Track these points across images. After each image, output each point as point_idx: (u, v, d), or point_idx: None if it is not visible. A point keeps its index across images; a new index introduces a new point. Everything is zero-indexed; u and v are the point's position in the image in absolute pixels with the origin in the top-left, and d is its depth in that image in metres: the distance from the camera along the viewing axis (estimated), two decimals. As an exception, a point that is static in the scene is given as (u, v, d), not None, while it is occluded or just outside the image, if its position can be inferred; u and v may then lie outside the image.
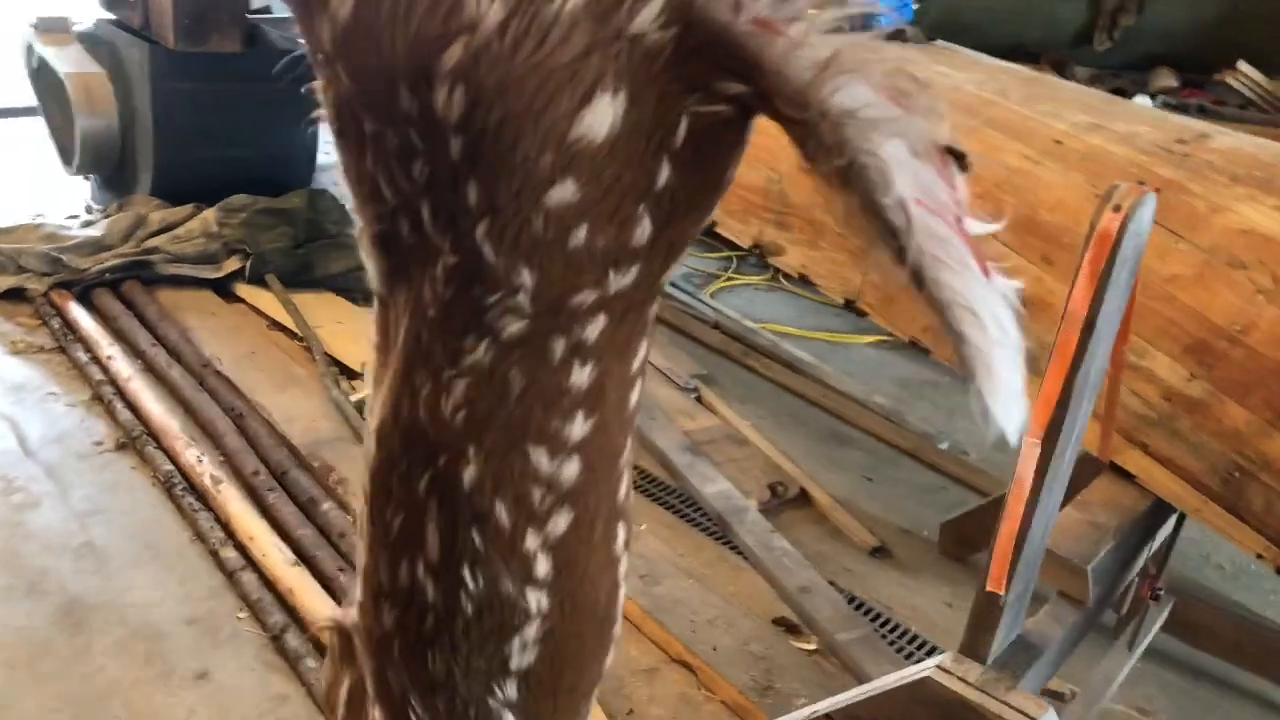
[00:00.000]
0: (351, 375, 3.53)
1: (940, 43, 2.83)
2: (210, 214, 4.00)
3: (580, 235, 0.76)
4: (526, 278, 0.77)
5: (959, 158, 0.64)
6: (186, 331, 3.65)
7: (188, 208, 4.04)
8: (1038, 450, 1.58)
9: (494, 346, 0.81)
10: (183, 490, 2.82)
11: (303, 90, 0.87)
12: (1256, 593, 3.04)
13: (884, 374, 4.19)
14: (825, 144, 0.64)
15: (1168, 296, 1.86)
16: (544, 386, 0.83)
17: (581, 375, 0.83)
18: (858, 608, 2.79)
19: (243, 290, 3.98)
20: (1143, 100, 4.21)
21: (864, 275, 2.36)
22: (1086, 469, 1.95)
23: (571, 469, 0.86)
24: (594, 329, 0.81)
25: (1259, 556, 1.77)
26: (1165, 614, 2.49)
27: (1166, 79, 5.55)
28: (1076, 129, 2.14)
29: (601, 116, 0.71)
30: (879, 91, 0.64)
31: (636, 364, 0.88)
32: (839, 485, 3.33)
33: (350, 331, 3.72)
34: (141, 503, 2.82)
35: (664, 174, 0.75)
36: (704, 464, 3.05)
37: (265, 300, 3.91)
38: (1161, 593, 2.24)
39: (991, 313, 0.62)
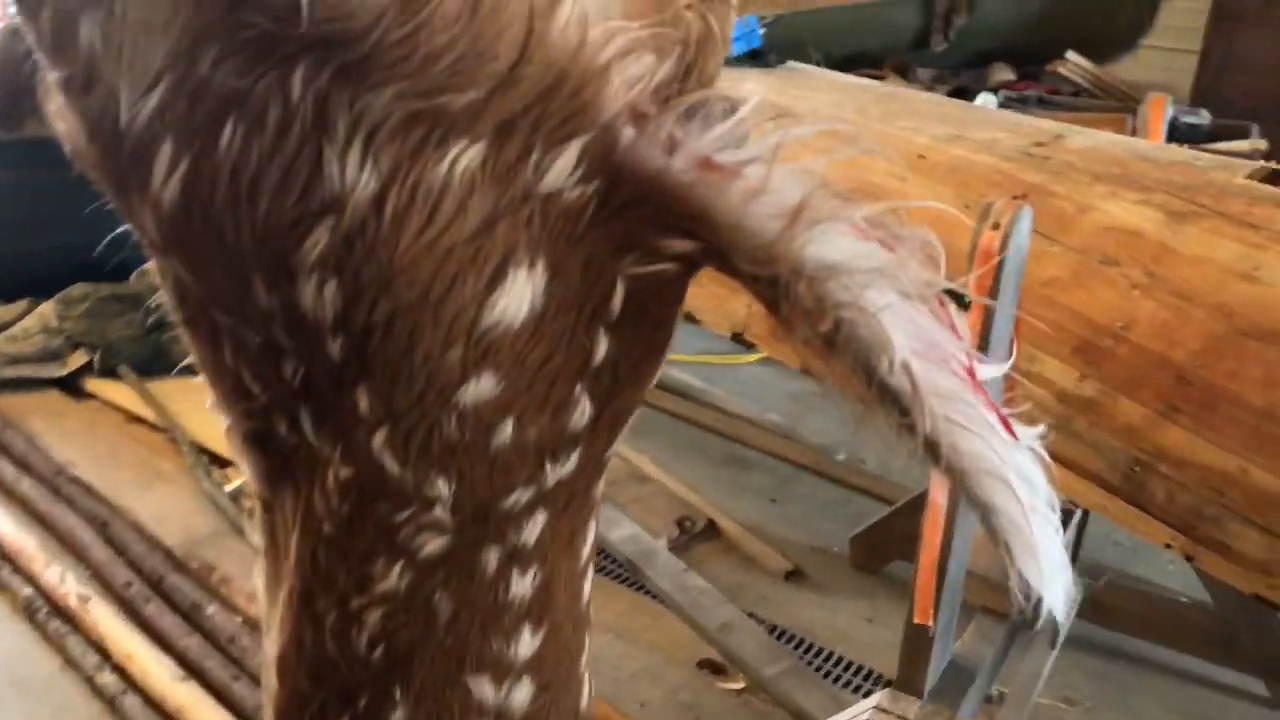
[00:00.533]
0: (224, 463, 3.32)
1: (792, 64, 2.84)
2: (47, 308, 3.76)
3: (505, 432, 0.62)
4: (442, 488, 0.63)
5: (956, 297, 0.54)
6: (33, 438, 3.39)
7: (21, 304, 3.79)
8: (948, 475, 1.55)
9: (411, 569, 0.66)
10: (47, 614, 2.61)
11: None
12: (1155, 564, 3.13)
13: (774, 391, 4.20)
14: (803, 306, 0.53)
15: (1048, 300, 1.88)
16: (479, 606, 0.68)
17: (523, 584, 0.69)
18: (779, 637, 2.76)
19: (93, 385, 3.74)
20: (986, 96, 4.36)
21: (748, 307, 2.33)
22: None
23: (523, 693, 0.72)
24: (533, 529, 0.67)
25: (1167, 546, 1.79)
26: (1078, 602, 2.52)
27: (1003, 73, 5.79)
28: (938, 141, 2.16)
29: (518, 296, 0.58)
30: (860, 236, 0.54)
31: (586, 552, 0.74)
32: (745, 511, 3.30)
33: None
34: (1, 634, 2.57)
35: (602, 347, 0.63)
36: (608, 507, 2.98)
37: (120, 393, 3.68)
38: (1076, 586, 2.27)
39: (1020, 474, 0.53)
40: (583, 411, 0.64)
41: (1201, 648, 2.64)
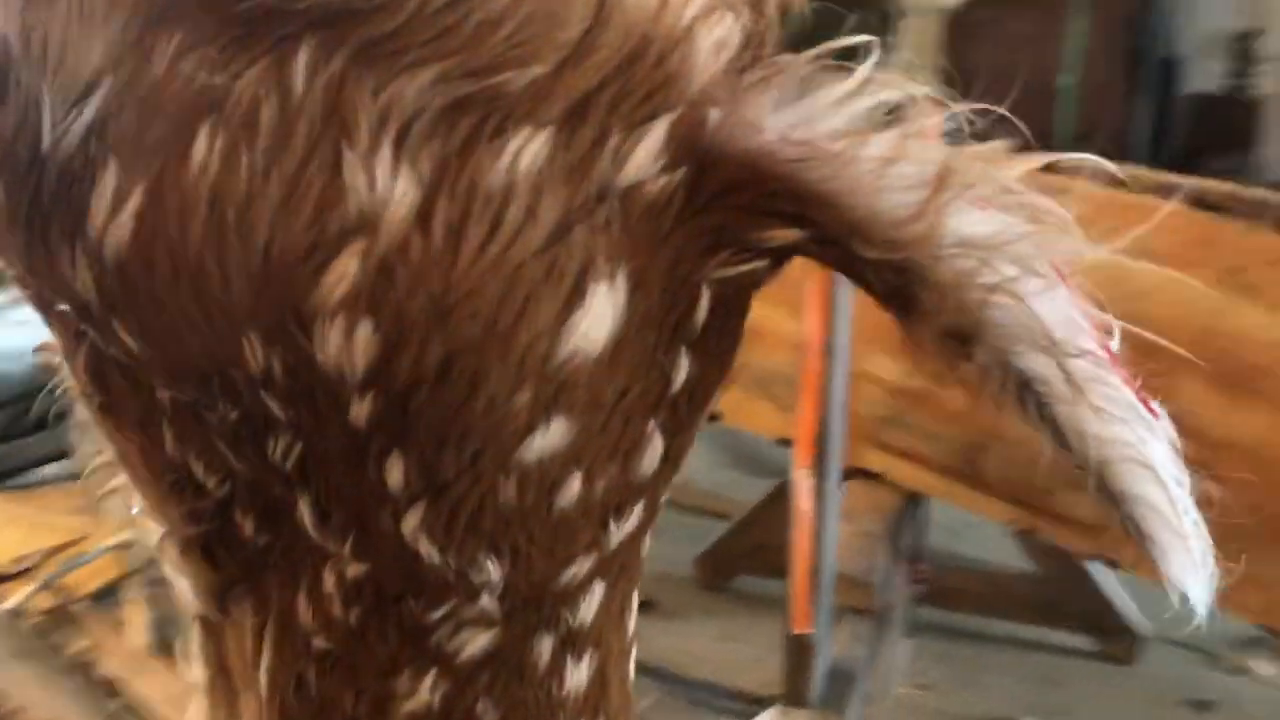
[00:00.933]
0: (3, 578, 2.94)
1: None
2: None
3: (572, 489, 0.51)
4: (492, 570, 0.52)
5: None
6: None
7: None
8: (811, 481, 1.56)
9: (448, 678, 0.55)
10: None
11: None
12: (976, 542, 3.29)
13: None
14: (946, 294, 0.46)
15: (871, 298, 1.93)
16: (530, 708, 0.57)
17: (579, 674, 0.58)
18: (640, 672, 2.70)
19: None
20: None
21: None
22: (837, 479, 1.99)
23: None
24: (589, 606, 0.56)
25: (1010, 523, 1.87)
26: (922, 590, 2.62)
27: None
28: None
29: (599, 317, 0.47)
30: (990, 207, 0.46)
31: (633, 625, 0.64)
32: (585, 548, 3.24)
33: (-12, 525, 3.11)
34: None
35: (682, 370, 0.53)
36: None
37: None
38: (926, 575, 2.35)
39: (1162, 461, 0.48)
40: (654, 452, 0.54)
41: (1031, 615, 2.79)
